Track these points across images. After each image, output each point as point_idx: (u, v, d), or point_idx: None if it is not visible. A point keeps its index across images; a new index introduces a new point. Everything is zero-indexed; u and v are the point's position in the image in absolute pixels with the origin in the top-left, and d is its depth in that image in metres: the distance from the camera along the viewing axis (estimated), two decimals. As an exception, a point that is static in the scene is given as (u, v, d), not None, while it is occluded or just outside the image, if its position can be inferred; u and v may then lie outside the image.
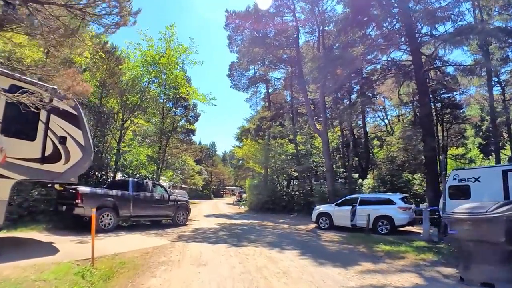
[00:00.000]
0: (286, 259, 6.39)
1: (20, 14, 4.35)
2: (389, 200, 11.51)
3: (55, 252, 6.04)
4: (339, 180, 22.19)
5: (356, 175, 22.30)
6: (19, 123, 5.71)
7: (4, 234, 7.39)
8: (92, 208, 6.38)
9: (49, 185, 7.76)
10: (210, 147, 66.91)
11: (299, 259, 6.46)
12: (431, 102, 19.58)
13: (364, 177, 23.21)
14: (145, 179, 14.25)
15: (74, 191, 8.57)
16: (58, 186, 7.55)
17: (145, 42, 15.20)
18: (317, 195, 19.90)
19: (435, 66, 18.07)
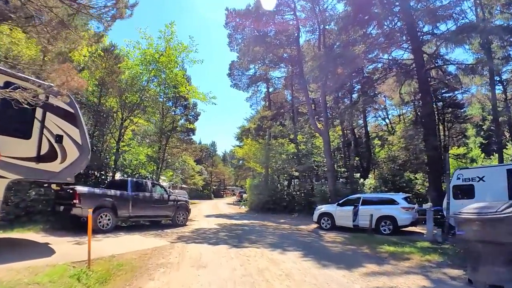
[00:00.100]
0: (288, 260, 6.23)
1: (12, 6, 4.19)
2: (392, 200, 11.37)
3: (51, 254, 5.92)
4: (341, 180, 22.06)
5: (358, 175, 22.15)
6: (14, 121, 5.55)
7: (-1, 235, 7.26)
8: (90, 209, 6.25)
9: (45, 185, 7.60)
10: (210, 147, 66.83)
11: (301, 260, 6.31)
12: (432, 101, 19.43)
13: (366, 177, 23.06)
14: (144, 179, 14.10)
15: (72, 191, 8.42)
16: (55, 186, 7.40)
17: (144, 41, 15.05)
18: (318, 195, 19.76)
19: (437, 65, 17.94)
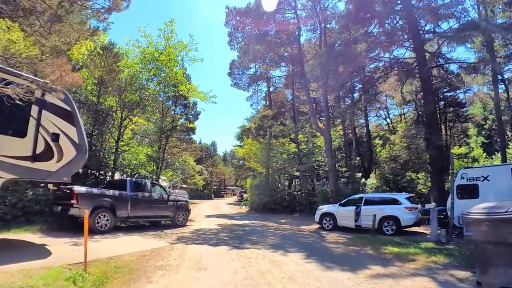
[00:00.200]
0: (291, 262, 6.06)
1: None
2: (394, 200, 11.21)
3: (47, 255, 5.78)
4: (342, 179, 21.90)
5: (359, 175, 21.99)
6: (8, 118, 5.40)
7: (-5, 236, 7.11)
8: (87, 209, 6.09)
9: (42, 184, 7.44)
10: (210, 147, 66.66)
11: (304, 262, 6.14)
12: (435, 100, 19.26)
13: (367, 176, 22.87)
14: (144, 178, 13.95)
15: (69, 191, 8.26)
16: (51, 186, 7.24)
17: (144, 39, 14.88)
18: (319, 195, 19.60)
19: (439, 63, 17.77)
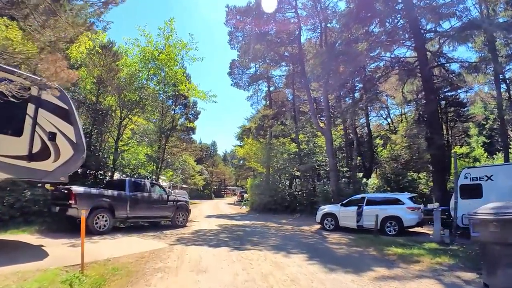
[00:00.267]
0: (293, 264, 5.92)
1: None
2: (397, 200, 11.08)
3: (44, 257, 5.64)
4: (343, 179, 21.76)
5: (360, 175, 21.83)
6: (4, 117, 5.27)
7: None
8: (84, 209, 5.97)
9: (39, 184, 7.30)
10: (210, 147, 66.51)
11: (307, 264, 6.00)
12: (436, 99, 19.11)
13: (368, 176, 22.72)
14: (143, 178, 13.81)
15: (67, 191, 8.14)
16: (48, 186, 7.10)
17: (143, 38, 14.71)
18: (320, 195, 19.46)
19: (440, 63, 17.64)
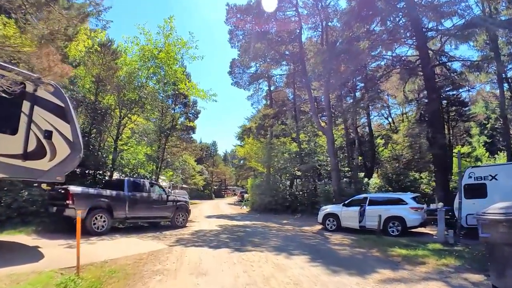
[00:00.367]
0: (295, 266, 5.76)
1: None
2: (400, 200, 10.91)
3: (40, 258, 5.50)
4: (344, 179, 21.58)
5: (362, 174, 21.66)
6: (-2, 115, 5.13)
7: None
8: (80, 210, 5.82)
9: (34, 184, 7.15)
10: (211, 146, 66.33)
11: (309, 266, 5.84)
12: (438, 98, 18.94)
13: (370, 176, 22.55)
14: (142, 178, 13.65)
15: (65, 191, 7.99)
16: (45, 186, 6.95)
17: (143, 36, 14.57)
18: (321, 195, 19.30)
19: (442, 62, 17.48)
